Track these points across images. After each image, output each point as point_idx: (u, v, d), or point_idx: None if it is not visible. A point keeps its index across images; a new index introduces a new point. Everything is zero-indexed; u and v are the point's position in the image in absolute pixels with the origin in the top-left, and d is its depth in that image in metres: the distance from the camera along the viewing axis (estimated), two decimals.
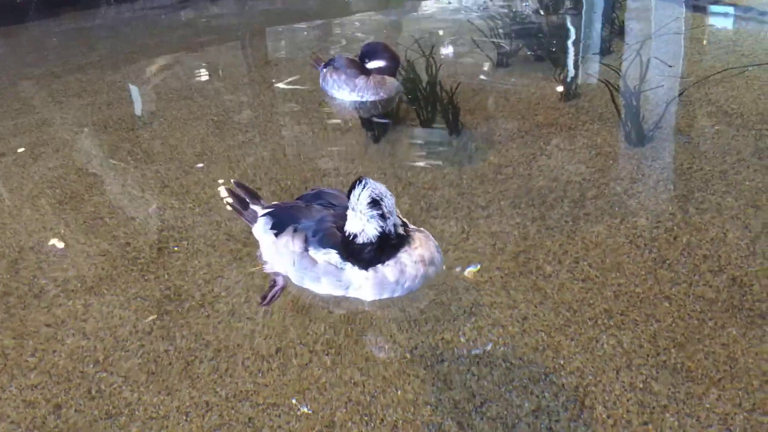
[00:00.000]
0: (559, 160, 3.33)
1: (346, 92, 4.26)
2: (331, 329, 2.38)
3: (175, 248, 2.91)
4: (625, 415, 1.97)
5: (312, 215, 2.51)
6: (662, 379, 2.07)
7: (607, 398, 2.02)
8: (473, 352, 2.24)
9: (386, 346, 2.30)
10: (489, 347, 2.25)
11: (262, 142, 3.86)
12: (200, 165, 3.64)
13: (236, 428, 2.05)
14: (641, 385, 2.05)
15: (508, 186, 3.15)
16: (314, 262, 2.43)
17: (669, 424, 1.93)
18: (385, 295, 2.42)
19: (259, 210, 2.71)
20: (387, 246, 2.37)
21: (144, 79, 5.17)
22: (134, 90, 4.95)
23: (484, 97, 4.16)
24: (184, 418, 2.10)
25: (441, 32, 5.81)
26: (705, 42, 4.80)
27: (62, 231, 3.14)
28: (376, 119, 4.00)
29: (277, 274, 2.60)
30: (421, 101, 3.84)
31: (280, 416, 2.07)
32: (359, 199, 2.31)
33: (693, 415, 1.95)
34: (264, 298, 2.54)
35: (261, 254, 2.70)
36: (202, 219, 3.11)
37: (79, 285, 2.74)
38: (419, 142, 3.69)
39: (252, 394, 2.16)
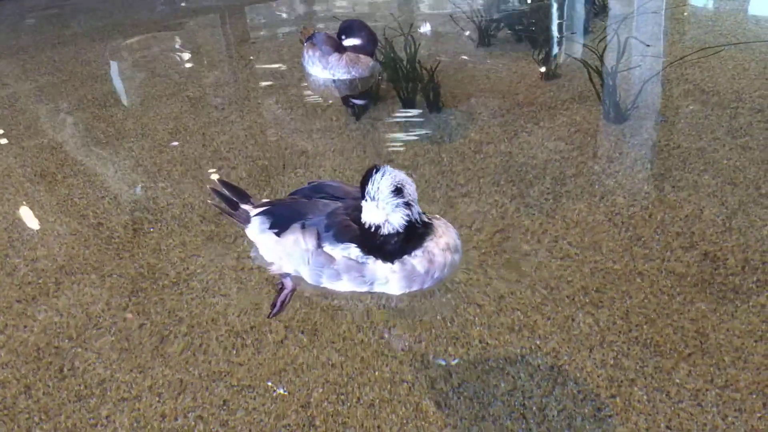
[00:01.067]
0: (539, 139, 3.32)
1: (319, 69, 4.21)
2: (307, 306, 2.36)
3: (150, 229, 2.87)
4: (594, 390, 1.97)
5: (319, 209, 2.33)
6: (632, 355, 2.07)
7: (579, 375, 2.03)
8: (450, 332, 2.23)
9: (364, 326, 2.28)
10: (466, 327, 2.24)
11: (238, 119, 3.81)
12: (175, 143, 3.58)
13: (210, 411, 2.03)
14: (612, 362, 2.06)
15: (488, 164, 3.13)
16: (331, 258, 2.27)
17: (637, 398, 1.93)
18: (415, 288, 2.28)
19: (251, 209, 2.52)
20: (414, 235, 2.25)
21: (119, 57, 5.08)
22: (109, 68, 4.86)
23: (464, 75, 4.13)
24: (157, 399, 2.08)
25: (421, 10, 5.76)
26: (685, 21, 4.80)
27: (35, 210, 3.08)
28: (351, 98, 3.96)
29: (285, 276, 2.43)
30: (402, 80, 3.81)
31: (255, 398, 2.05)
32: (379, 187, 2.17)
33: (662, 389, 1.95)
34: (273, 306, 2.37)
35: (257, 256, 2.54)
36: (176, 200, 3.07)
37: (50, 264, 2.70)
38: (400, 120, 3.66)
39: (226, 375, 2.13)
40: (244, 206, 2.55)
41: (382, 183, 2.17)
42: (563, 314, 2.25)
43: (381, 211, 2.20)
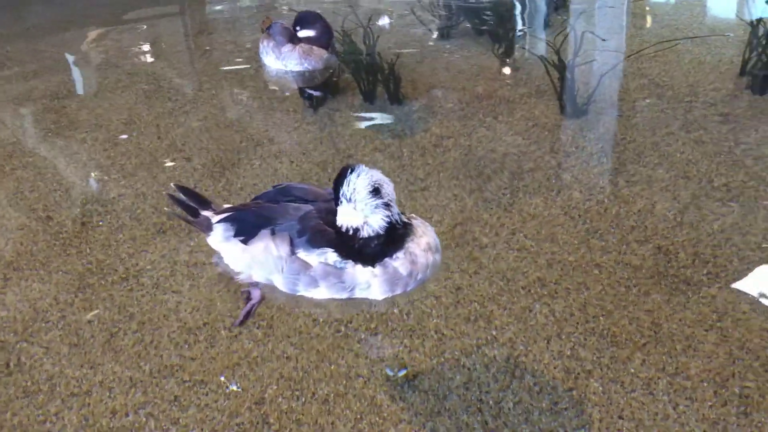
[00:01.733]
0: (498, 132, 3.32)
1: (273, 59, 4.15)
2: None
3: (100, 222, 2.80)
4: (551, 382, 1.98)
5: (290, 214, 2.21)
6: (589, 346, 2.08)
7: (536, 367, 2.03)
8: (407, 324, 2.21)
9: (320, 319, 2.26)
10: (422, 319, 2.23)
11: (193, 110, 3.74)
12: (124, 136, 3.50)
13: (161, 406, 1.98)
14: (569, 353, 2.07)
15: (448, 158, 3.13)
16: (307, 265, 2.17)
17: (593, 390, 1.95)
18: (398, 291, 2.20)
19: (212, 216, 2.36)
20: (395, 237, 2.16)
21: (74, 49, 4.94)
22: (62, 59, 4.73)
23: (425, 68, 4.12)
24: (107, 395, 2.02)
25: (382, 1, 5.73)
26: (643, 15, 4.85)
27: None
28: (308, 90, 3.91)
29: (253, 285, 2.32)
30: (362, 72, 3.78)
31: (207, 394, 2.01)
32: (356, 188, 2.07)
33: (617, 380, 1.97)
34: (243, 316, 2.25)
35: (220, 263, 2.41)
36: (128, 191, 3.00)
37: None
38: (359, 113, 3.63)
39: (178, 370, 2.09)
40: (204, 213, 2.40)
41: (359, 183, 2.07)
42: (520, 305, 2.25)
43: (359, 213, 2.11)
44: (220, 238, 2.33)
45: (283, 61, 4.10)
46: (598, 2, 5.04)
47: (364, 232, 2.14)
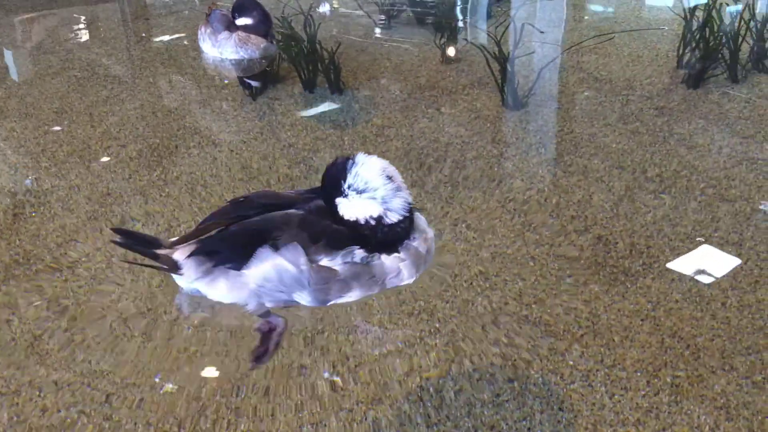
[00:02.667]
0: (440, 123, 3.33)
1: (209, 46, 4.07)
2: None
3: (33, 213, 2.69)
4: (490, 369, 2.00)
5: (280, 223, 2.00)
6: (524, 333, 2.10)
7: (474, 353, 2.04)
8: (351, 319, 2.19)
9: None
10: (367, 315, 2.21)
11: (129, 98, 3.63)
12: (57, 128, 3.37)
13: (92, 407, 1.92)
14: (505, 340, 2.08)
15: (390, 148, 3.11)
16: (332, 271, 2.00)
17: (533, 381, 1.97)
18: (421, 270, 2.13)
19: (173, 253, 2.04)
20: (412, 218, 2.09)
21: (2, 34, 4.74)
22: None
23: (367, 58, 4.10)
24: (37, 393, 1.94)
25: None
26: (583, 8, 4.93)
27: None
28: (246, 79, 3.84)
29: (269, 316, 2.10)
30: (302, 60, 3.73)
31: (142, 391, 1.95)
32: (368, 177, 1.97)
33: (556, 371, 2.00)
34: (261, 354, 2.03)
35: (183, 303, 2.20)
36: (60, 182, 2.89)
37: None
38: (300, 102, 3.59)
39: (113, 365, 2.02)
40: (160, 252, 2.05)
41: (370, 172, 1.98)
42: (462, 298, 2.26)
43: (376, 201, 2.00)
44: (195, 275, 2.02)
45: (219, 49, 4.01)
46: None
47: (389, 219, 2.03)
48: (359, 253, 2.01)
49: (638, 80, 3.68)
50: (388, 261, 2.05)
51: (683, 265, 2.36)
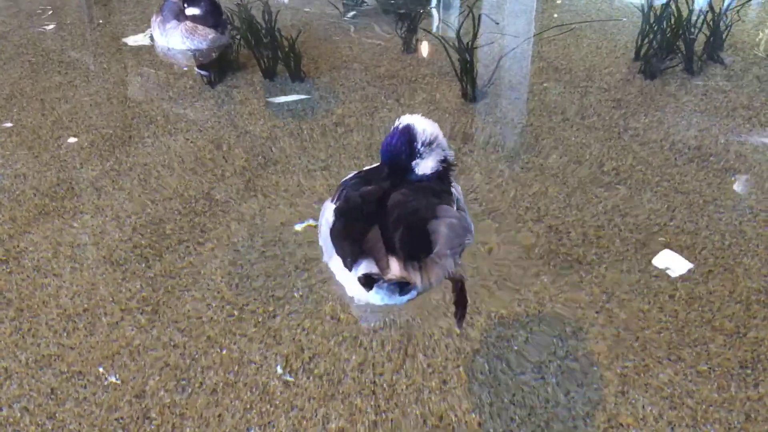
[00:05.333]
0: (400, 114, 3.29)
1: (158, 35, 3.98)
2: (149, 286, 2.23)
3: None
4: (442, 362, 2.00)
5: (410, 199, 1.91)
6: (477, 326, 2.11)
7: (427, 345, 2.04)
8: (305, 308, 2.18)
9: (214, 304, 2.19)
10: (321, 303, 2.19)
11: (83, 84, 3.55)
12: (8, 124, 3.27)
13: (37, 400, 1.88)
14: (458, 332, 2.08)
15: (350, 139, 3.09)
16: (452, 224, 1.94)
17: (480, 368, 1.97)
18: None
19: (400, 272, 1.79)
20: None
21: None
22: None
23: (328, 46, 4.05)
24: None
25: None
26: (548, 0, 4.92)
27: None
28: (198, 69, 3.76)
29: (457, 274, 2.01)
30: (261, 48, 3.67)
31: (85, 386, 1.91)
32: (428, 131, 1.96)
33: (502, 357, 2.00)
34: (461, 316, 2.04)
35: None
36: (6, 171, 2.82)
37: None
38: (259, 90, 3.53)
39: (55, 360, 1.98)
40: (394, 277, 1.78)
41: (426, 124, 1.97)
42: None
43: (439, 147, 1.99)
44: (421, 283, 1.86)
45: (166, 38, 3.92)
46: None
47: (451, 157, 2.05)
48: (454, 196, 2.04)
49: (597, 71, 3.69)
50: (461, 196, 2.10)
51: (635, 256, 2.39)
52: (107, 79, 3.64)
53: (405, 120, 1.98)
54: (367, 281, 1.73)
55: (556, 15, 4.53)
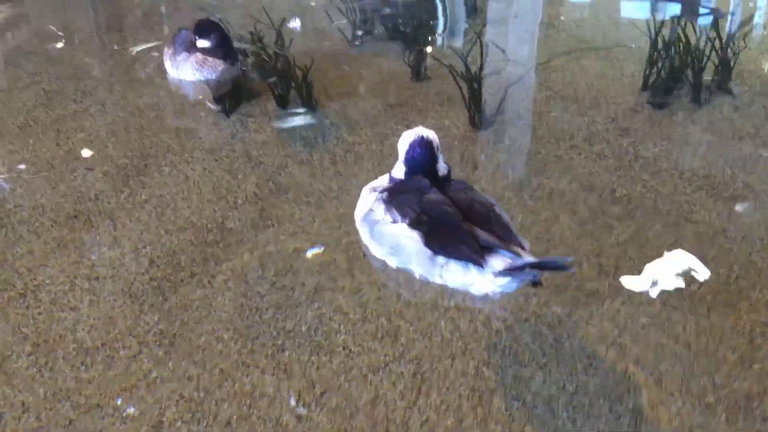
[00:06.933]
0: None
1: (169, 67, 4.05)
2: (165, 319, 2.27)
3: None
4: (457, 401, 2.01)
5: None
6: (492, 364, 2.13)
7: (441, 384, 2.06)
8: (314, 341, 2.20)
9: (225, 336, 2.22)
10: (330, 335, 2.22)
11: (99, 113, 3.61)
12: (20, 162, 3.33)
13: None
14: (473, 372, 2.10)
15: (360, 167, 3.12)
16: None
17: (497, 407, 1.99)
18: None
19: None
20: None
21: None
22: None
23: (338, 74, 4.11)
24: None
25: (297, 4, 5.67)
26: (553, 25, 4.96)
27: None
28: (207, 101, 3.80)
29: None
30: (274, 77, 3.73)
31: (103, 418, 1.94)
32: (435, 139, 2.47)
33: (519, 398, 2.02)
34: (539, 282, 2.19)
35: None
36: (25, 202, 2.86)
37: None
38: (272, 119, 3.58)
39: (73, 393, 2.01)
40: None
41: (433, 135, 2.46)
42: (426, 321, 2.27)
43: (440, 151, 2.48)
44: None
45: (177, 70, 3.99)
46: (516, 11, 5.14)
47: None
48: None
49: (603, 99, 3.72)
50: None
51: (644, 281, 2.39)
52: (123, 107, 3.69)
53: (417, 132, 2.42)
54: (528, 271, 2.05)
55: (565, 41, 4.57)
